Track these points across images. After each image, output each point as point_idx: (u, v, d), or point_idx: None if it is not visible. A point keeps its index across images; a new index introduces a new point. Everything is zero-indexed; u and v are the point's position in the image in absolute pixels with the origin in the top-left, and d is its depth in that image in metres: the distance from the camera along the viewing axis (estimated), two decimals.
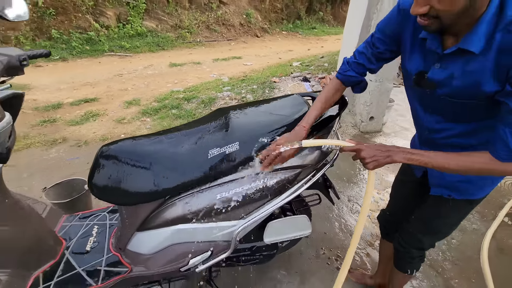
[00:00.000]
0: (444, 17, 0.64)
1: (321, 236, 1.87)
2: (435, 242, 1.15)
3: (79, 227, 1.38)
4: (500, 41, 0.64)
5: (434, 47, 0.75)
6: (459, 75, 0.72)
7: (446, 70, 0.75)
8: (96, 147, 2.82)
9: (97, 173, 1.05)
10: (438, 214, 1.04)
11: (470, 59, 0.69)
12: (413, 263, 1.19)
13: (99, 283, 1.12)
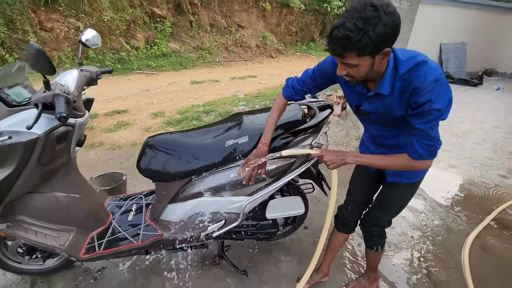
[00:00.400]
0: (357, 77, 0.98)
1: (318, 227, 2.14)
2: (390, 219, 1.43)
3: (121, 205, 1.75)
4: (399, 86, 0.98)
5: (362, 90, 1.09)
6: (380, 107, 1.07)
7: (372, 105, 1.09)
8: (127, 150, 3.26)
9: (144, 158, 1.44)
10: (392, 196, 1.33)
11: (384, 98, 1.03)
12: (374, 240, 1.47)
13: (139, 242, 1.47)
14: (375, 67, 0.93)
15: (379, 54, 0.89)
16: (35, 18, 6.10)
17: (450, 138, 3.94)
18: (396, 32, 0.87)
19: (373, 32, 0.82)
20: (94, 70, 1.45)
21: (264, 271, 1.76)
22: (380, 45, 0.86)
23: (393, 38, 0.88)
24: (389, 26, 0.83)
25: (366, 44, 0.84)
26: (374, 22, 0.81)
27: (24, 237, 1.30)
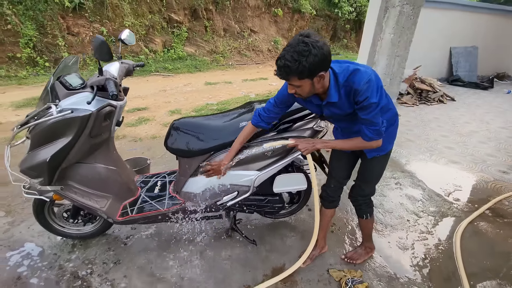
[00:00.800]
0: (303, 95, 1.24)
1: None
2: (373, 188, 1.67)
3: (148, 182, 2.02)
4: (344, 92, 1.25)
5: (317, 102, 1.34)
6: (336, 110, 1.33)
7: (329, 110, 1.35)
8: (148, 142, 3.57)
9: (170, 137, 1.71)
10: (373, 168, 1.58)
11: (335, 104, 1.29)
12: (362, 209, 1.70)
13: (164, 208, 1.73)
14: (316, 86, 1.20)
15: (315, 77, 1.15)
16: (64, 24, 6.60)
17: (454, 137, 4.06)
18: (324, 61, 1.11)
19: (306, 62, 1.07)
20: (131, 63, 1.74)
21: (271, 243, 1.99)
22: (313, 70, 1.11)
23: (323, 65, 1.13)
24: (318, 57, 1.08)
25: (301, 70, 1.10)
26: (306, 55, 1.06)
27: (74, 198, 1.58)
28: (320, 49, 1.08)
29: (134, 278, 1.69)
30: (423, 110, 5.30)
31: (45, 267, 1.75)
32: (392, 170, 3.06)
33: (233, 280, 1.70)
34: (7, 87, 5.66)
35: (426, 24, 6.30)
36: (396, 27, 3.18)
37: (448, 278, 1.78)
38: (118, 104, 1.56)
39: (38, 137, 1.40)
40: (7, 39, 6.05)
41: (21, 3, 6.03)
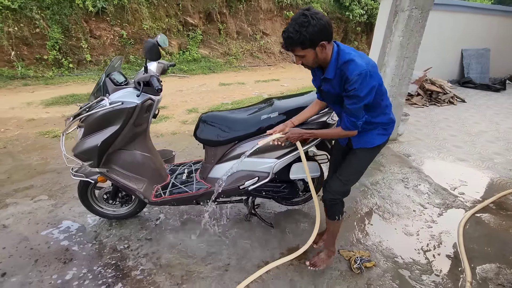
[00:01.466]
0: (309, 64, 1.35)
1: None
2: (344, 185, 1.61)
3: (176, 170, 2.25)
4: (339, 74, 1.32)
5: (320, 75, 1.44)
6: (331, 88, 1.41)
7: (326, 86, 1.43)
8: (169, 138, 3.82)
9: (199, 128, 1.93)
10: (352, 160, 1.58)
11: (331, 81, 1.37)
12: (335, 209, 1.68)
13: (193, 191, 1.95)
14: (319, 55, 1.30)
15: (317, 46, 1.25)
16: (87, 27, 6.98)
17: (463, 137, 4.17)
18: (324, 31, 1.21)
19: (306, 32, 1.19)
20: (166, 63, 1.98)
21: (286, 227, 2.18)
22: (314, 40, 1.22)
23: (323, 34, 1.22)
24: (317, 27, 1.19)
25: (303, 40, 1.21)
26: (306, 25, 1.18)
27: (117, 180, 1.82)
28: (319, 20, 1.19)
29: (165, 252, 1.92)
30: (433, 111, 5.40)
31: (88, 241, 2.00)
32: (400, 166, 3.22)
33: (253, 256, 1.91)
34: (36, 86, 6.04)
35: (437, 27, 6.39)
36: (405, 30, 3.33)
37: (450, 260, 1.94)
38: (156, 98, 1.79)
39: (91, 125, 1.65)
40: (35, 42, 6.46)
41: (49, 8, 6.43)
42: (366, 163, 1.61)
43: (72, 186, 2.60)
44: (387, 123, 1.51)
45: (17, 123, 4.07)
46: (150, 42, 1.51)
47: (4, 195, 2.45)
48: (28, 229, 2.09)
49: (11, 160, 3.04)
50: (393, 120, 1.53)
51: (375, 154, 1.61)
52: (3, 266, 1.77)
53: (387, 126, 1.52)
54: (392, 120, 1.53)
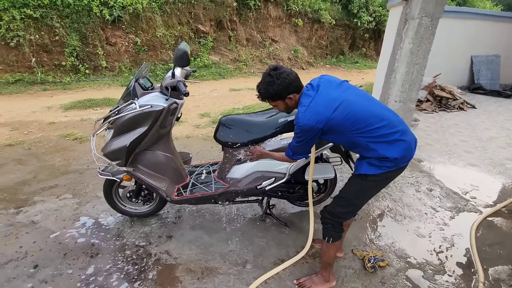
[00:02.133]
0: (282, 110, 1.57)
1: None
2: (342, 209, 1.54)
3: (194, 171, 2.36)
4: None
5: None
6: None
7: None
8: (183, 141, 3.93)
9: (219, 131, 2.03)
10: (348, 184, 1.56)
11: None
12: (327, 229, 1.59)
13: (212, 190, 2.04)
14: (289, 104, 1.50)
15: (286, 98, 1.46)
16: (103, 35, 7.24)
17: (474, 142, 4.18)
18: (289, 87, 1.42)
19: (272, 89, 1.42)
20: (188, 69, 2.11)
21: (300, 227, 2.25)
22: (280, 94, 1.43)
23: (289, 90, 1.43)
24: (281, 85, 1.41)
25: (271, 95, 1.45)
26: (272, 84, 1.41)
27: (142, 178, 1.93)
28: (284, 79, 1.41)
29: (185, 249, 2.01)
30: (443, 117, 5.42)
31: (112, 237, 2.11)
32: (410, 170, 3.26)
33: (270, 254, 1.98)
34: (54, 91, 6.28)
35: (447, 33, 6.43)
36: (415, 37, 3.40)
37: (462, 261, 1.98)
38: (180, 102, 1.91)
39: (121, 127, 1.77)
40: (54, 49, 6.73)
41: (68, 17, 6.71)
42: (353, 190, 1.53)
43: (94, 185, 2.73)
44: (379, 157, 1.39)
45: (39, 126, 4.25)
46: (181, 50, 1.63)
47: (32, 193, 2.59)
48: (55, 225, 2.21)
49: (36, 161, 3.20)
50: (386, 157, 1.37)
51: (364, 185, 1.49)
52: (35, 259, 1.89)
53: (381, 160, 1.39)
54: (385, 157, 1.37)
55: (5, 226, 2.17)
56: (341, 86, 1.45)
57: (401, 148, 1.38)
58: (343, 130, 1.37)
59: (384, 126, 1.36)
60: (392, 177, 1.50)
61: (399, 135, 1.37)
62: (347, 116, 1.34)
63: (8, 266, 1.82)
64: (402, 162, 1.42)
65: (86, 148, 3.57)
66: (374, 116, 1.36)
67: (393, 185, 2.92)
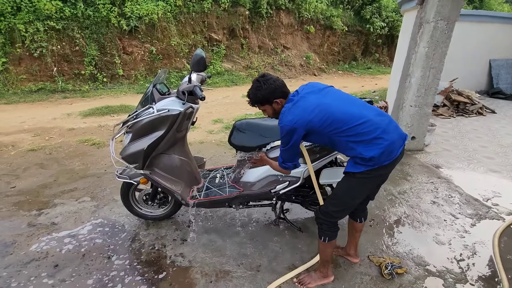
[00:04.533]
0: (270, 115, 1.64)
1: None
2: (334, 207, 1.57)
3: (208, 174, 2.38)
4: None
5: None
6: None
7: None
8: (197, 147, 3.99)
9: (233, 135, 2.05)
10: (339, 182, 1.59)
11: None
12: (322, 229, 1.62)
13: (226, 194, 2.06)
14: (276, 109, 1.58)
15: (273, 103, 1.56)
16: (120, 44, 7.51)
17: (494, 148, 4.04)
18: (275, 92, 1.52)
19: (260, 94, 1.54)
20: (204, 74, 2.16)
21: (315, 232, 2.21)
22: (267, 99, 1.54)
23: (275, 95, 1.53)
24: (268, 90, 1.51)
25: (259, 100, 1.56)
26: (259, 89, 1.53)
27: (158, 181, 1.97)
28: (270, 85, 1.51)
29: (199, 252, 2.02)
30: (461, 122, 5.27)
31: (128, 240, 2.15)
32: (428, 176, 3.18)
33: (284, 259, 1.97)
34: (74, 99, 6.53)
35: (464, 37, 6.30)
36: (430, 41, 3.36)
37: (485, 270, 1.90)
38: (195, 107, 1.95)
39: (139, 131, 1.82)
40: (74, 58, 7.03)
41: (88, 28, 7.01)
42: (342, 188, 1.58)
43: (112, 189, 2.80)
44: (360, 157, 1.43)
45: (59, 132, 4.42)
46: (198, 55, 1.68)
47: (52, 196, 2.68)
48: (75, 226, 2.27)
49: (57, 165, 3.32)
50: (366, 157, 1.40)
51: (352, 182, 1.53)
52: (55, 259, 1.95)
53: (363, 159, 1.43)
54: (366, 157, 1.41)
55: (28, 227, 2.26)
56: (322, 91, 1.54)
57: (380, 146, 1.41)
58: (322, 131, 1.46)
59: (360, 124, 1.41)
60: (381, 174, 1.53)
61: (378, 133, 1.41)
62: (324, 117, 1.43)
63: (30, 266, 1.88)
64: (383, 160, 1.43)
65: (104, 153, 3.68)
66: (351, 116, 1.43)
67: (410, 191, 2.85)
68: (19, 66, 6.60)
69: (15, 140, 4.02)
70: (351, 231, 1.90)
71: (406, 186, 2.94)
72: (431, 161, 3.56)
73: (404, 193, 2.81)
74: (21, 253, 1.98)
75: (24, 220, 2.34)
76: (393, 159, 1.46)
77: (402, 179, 3.09)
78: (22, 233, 2.18)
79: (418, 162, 3.52)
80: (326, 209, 1.61)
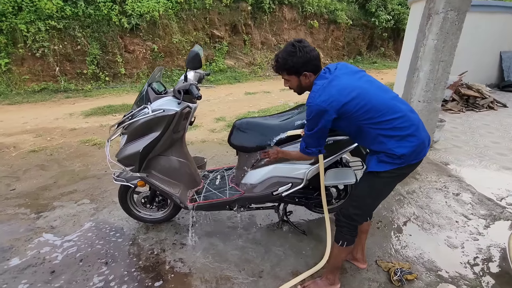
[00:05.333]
0: (294, 89, 1.49)
1: None
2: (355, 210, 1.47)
3: (208, 176, 2.30)
4: None
5: None
6: None
7: None
8: (198, 146, 3.91)
9: (233, 135, 1.97)
10: (359, 182, 1.50)
11: None
12: (342, 232, 1.52)
13: (226, 196, 1.98)
14: (302, 83, 1.43)
15: (301, 75, 1.39)
16: (122, 43, 7.45)
17: (507, 144, 3.88)
18: (308, 63, 1.35)
19: (291, 61, 1.34)
20: (202, 72, 2.07)
21: (319, 235, 2.14)
22: (298, 69, 1.36)
23: (307, 67, 1.36)
24: (302, 59, 1.33)
25: (288, 67, 1.37)
26: (292, 55, 1.33)
27: (155, 184, 1.89)
28: (306, 53, 1.33)
29: (200, 257, 1.95)
30: (471, 117, 5.10)
31: (127, 244, 2.09)
32: (437, 174, 3.05)
33: (287, 264, 1.88)
34: (76, 98, 6.51)
35: (472, 29, 6.08)
36: (440, 33, 3.21)
37: (501, 276, 1.79)
38: (193, 106, 1.87)
39: (134, 132, 1.74)
40: (76, 58, 6.99)
41: (89, 26, 6.96)
42: (365, 188, 1.45)
43: (111, 191, 2.74)
44: (387, 153, 1.33)
45: (61, 132, 4.39)
46: (193, 52, 1.59)
47: (51, 199, 2.64)
48: (73, 230, 2.22)
49: (57, 166, 3.28)
50: (393, 153, 1.31)
51: (376, 182, 1.42)
52: (52, 264, 1.89)
53: (391, 156, 1.33)
54: (393, 153, 1.31)
55: (26, 231, 2.21)
56: (357, 74, 1.39)
57: (412, 144, 1.31)
58: (355, 118, 1.32)
59: (397, 118, 1.30)
60: (405, 173, 1.43)
61: (412, 130, 1.31)
62: (361, 103, 1.29)
63: (27, 272, 1.83)
64: (412, 159, 1.34)
65: (104, 153, 3.58)
66: (388, 107, 1.30)
67: (419, 191, 2.74)
68: (22, 66, 6.59)
69: (17, 141, 4.00)
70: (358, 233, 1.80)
71: (415, 185, 2.83)
72: (441, 159, 3.43)
73: (413, 193, 2.70)
74: (18, 259, 1.93)
75: (23, 223, 2.29)
76: (421, 158, 1.38)
77: (410, 177, 2.97)
78: (20, 238, 2.14)
79: (427, 160, 3.39)
80: (347, 212, 1.50)
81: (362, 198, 1.47)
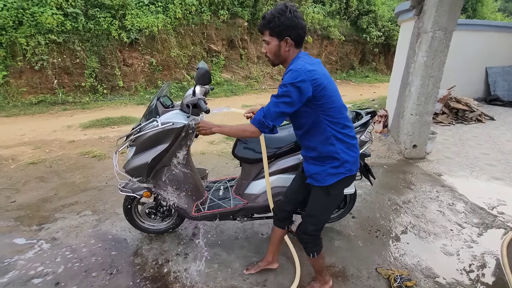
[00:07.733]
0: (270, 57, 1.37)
1: (364, 218, 2.52)
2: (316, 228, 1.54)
3: (211, 186, 2.36)
4: None
5: None
6: None
7: None
8: (198, 157, 3.96)
9: (237, 147, 2.05)
10: (311, 199, 1.53)
11: None
12: (307, 247, 1.59)
13: (231, 206, 2.03)
14: (281, 50, 1.34)
15: (282, 40, 1.31)
16: (121, 56, 7.57)
17: (495, 155, 4.04)
18: (293, 28, 1.28)
19: (278, 20, 1.27)
20: (207, 87, 2.16)
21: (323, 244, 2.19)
22: (282, 31, 1.29)
23: (291, 32, 1.28)
24: (289, 20, 1.26)
25: (274, 26, 1.28)
26: (281, 14, 1.26)
27: (162, 195, 1.94)
28: (294, 18, 1.27)
29: (204, 266, 1.98)
30: (461, 129, 5.29)
31: (130, 254, 2.10)
32: (431, 184, 3.16)
33: (291, 272, 1.93)
34: (74, 111, 6.53)
35: (461, 46, 6.39)
36: (429, 51, 3.40)
37: (495, 282, 1.87)
38: (199, 120, 1.94)
39: (143, 144, 1.81)
40: (75, 71, 7.06)
41: (88, 40, 7.08)
42: (318, 207, 1.51)
43: (113, 202, 2.76)
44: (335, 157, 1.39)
45: (60, 145, 4.40)
46: (203, 69, 1.69)
47: (53, 210, 2.65)
48: (76, 241, 2.23)
49: (57, 178, 3.29)
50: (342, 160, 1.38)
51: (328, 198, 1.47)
52: (56, 276, 1.90)
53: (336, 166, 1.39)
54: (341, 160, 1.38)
55: (28, 242, 2.21)
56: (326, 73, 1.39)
57: (355, 155, 1.45)
58: (321, 110, 1.32)
59: (350, 127, 1.43)
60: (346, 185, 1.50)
61: (355, 142, 1.45)
62: (331, 99, 1.32)
63: (31, 284, 1.83)
64: (353, 169, 1.45)
65: (105, 165, 3.65)
66: (345, 115, 1.41)
67: (414, 200, 2.83)
68: (20, 79, 6.62)
69: (15, 153, 3.99)
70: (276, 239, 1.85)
71: (410, 195, 2.92)
72: (434, 169, 3.55)
73: (408, 203, 2.79)
74: (21, 271, 1.93)
75: (25, 235, 2.29)
76: (355, 172, 1.48)
77: (405, 188, 3.07)
78: (22, 250, 2.14)
79: (421, 171, 3.51)
80: (306, 229, 1.56)
81: (318, 215, 1.53)
